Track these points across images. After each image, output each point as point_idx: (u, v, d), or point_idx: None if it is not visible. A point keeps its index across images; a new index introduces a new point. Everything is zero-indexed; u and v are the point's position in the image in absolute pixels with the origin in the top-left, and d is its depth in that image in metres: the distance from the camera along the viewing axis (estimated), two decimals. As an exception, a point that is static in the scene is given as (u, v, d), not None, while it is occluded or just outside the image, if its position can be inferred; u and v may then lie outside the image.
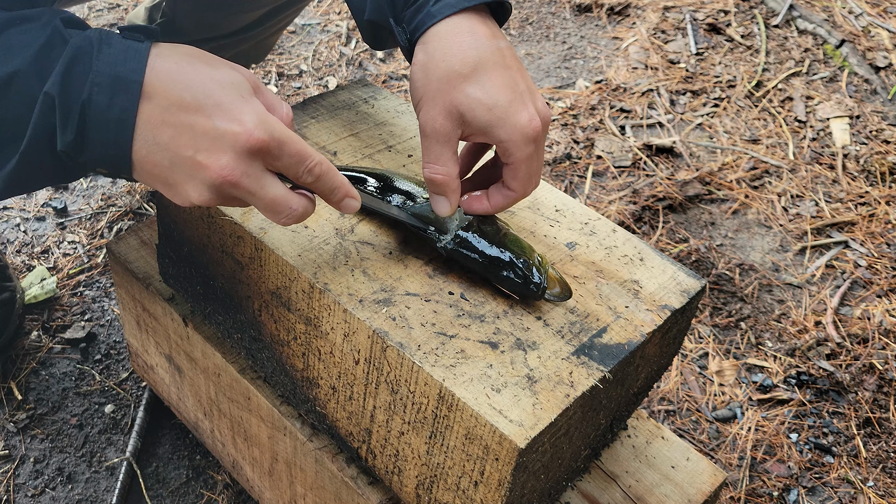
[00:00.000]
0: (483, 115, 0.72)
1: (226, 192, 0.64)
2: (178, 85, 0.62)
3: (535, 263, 0.74)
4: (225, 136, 0.61)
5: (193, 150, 0.62)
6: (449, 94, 0.72)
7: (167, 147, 0.62)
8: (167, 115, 0.62)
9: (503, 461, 0.65)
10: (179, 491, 1.16)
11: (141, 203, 1.60)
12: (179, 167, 0.63)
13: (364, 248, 0.79)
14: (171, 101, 0.62)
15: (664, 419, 1.34)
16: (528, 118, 0.72)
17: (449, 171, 0.74)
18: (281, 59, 2.08)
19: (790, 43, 2.31)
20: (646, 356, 0.78)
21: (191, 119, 0.62)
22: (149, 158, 0.63)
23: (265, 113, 0.64)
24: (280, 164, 0.65)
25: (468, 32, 0.73)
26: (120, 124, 0.62)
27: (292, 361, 0.83)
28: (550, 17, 2.40)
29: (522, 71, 0.75)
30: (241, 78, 0.65)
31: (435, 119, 0.73)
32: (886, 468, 1.30)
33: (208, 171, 0.62)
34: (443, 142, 0.73)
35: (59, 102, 0.61)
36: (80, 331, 1.34)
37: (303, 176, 0.66)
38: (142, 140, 0.62)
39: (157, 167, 0.63)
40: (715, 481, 0.91)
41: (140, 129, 0.62)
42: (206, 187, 0.63)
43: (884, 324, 1.51)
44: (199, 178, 0.63)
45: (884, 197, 1.81)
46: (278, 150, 0.63)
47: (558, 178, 1.80)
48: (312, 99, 1.00)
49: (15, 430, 1.21)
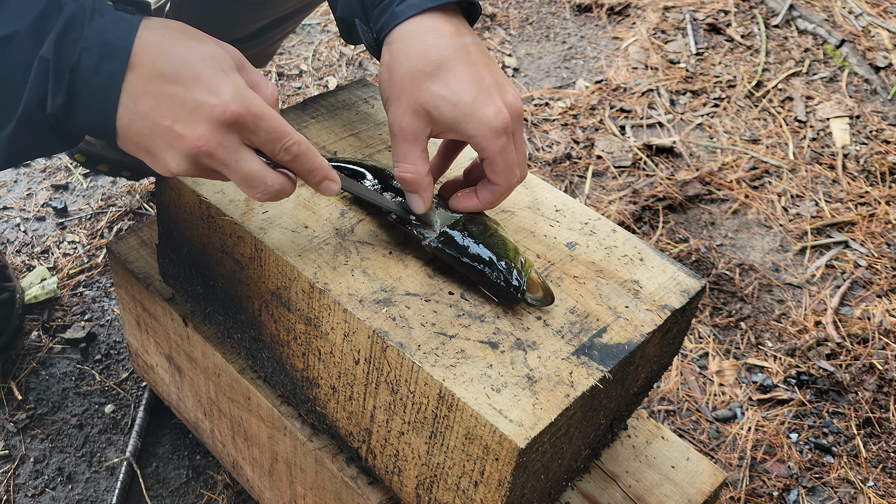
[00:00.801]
0: (449, 112, 0.72)
1: (202, 163, 0.65)
2: (162, 56, 0.64)
3: (516, 266, 0.74)
4: (202, 107, 0.63)
5: (171, 120, 0.64)
6: (414, 92, 0.73)
7: (147, 116, 0.64)
8: (149, 85, 0.64)
9: (503, 461, 0.65)
10: (179, 491, 1.16)
11: (141, 203, 1.60)
12: (158, 136, 0.65)
13: (364, 248, 0.79)
14: (153, 71, 0.64)
15: (664, 419, 1.34)
16: (495, 111, 0.72)
17: (418, 169, 0.75)
18: (281, 59, 2.08)
19: (790, 43, 2.31)
20: (646, 356, 0.78)
21: (170, 89, 0.64)
22: (130, 127, 0.65)
23: (244, 88, 0.65)
24: (257, 139, 0.66)
25: (431, 31, 0.74)
26: (105, 91, 0.64)
27: (292, 361, 0.83)
28: (550, 17, 2.40)
29: (490, 66, 0.75)
30: (224, 53, 0.67)
31: (402, 118, 0.74)
32: (886, 468, 1.30)
33: (185, 140, 0.64)
34: (410, 140, 0.74)
35: (52, 66, 0.62)
36: (80, 331, 1.34)
37: (280, 154, 0.67)
38: (124, 108, 0.64)
39: (139, 135, 0.65)
40: (715, 481, 0.91)
41: (124, 98, 0.64)
42: (183, 157, 0.65)
43: (884, 324, 1.51)
44: (176, 148, 0.65)
45: (884, 197, 1.81)
46: (254, 125, 0.65)
47: (558, 178, 1.80)
48: (312, 99, 1.00)
49: (15, 430, 1.21)
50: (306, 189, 0.85)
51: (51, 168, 1.66)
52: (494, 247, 0.75)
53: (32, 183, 1.62)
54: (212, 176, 0.68)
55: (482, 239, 0.75)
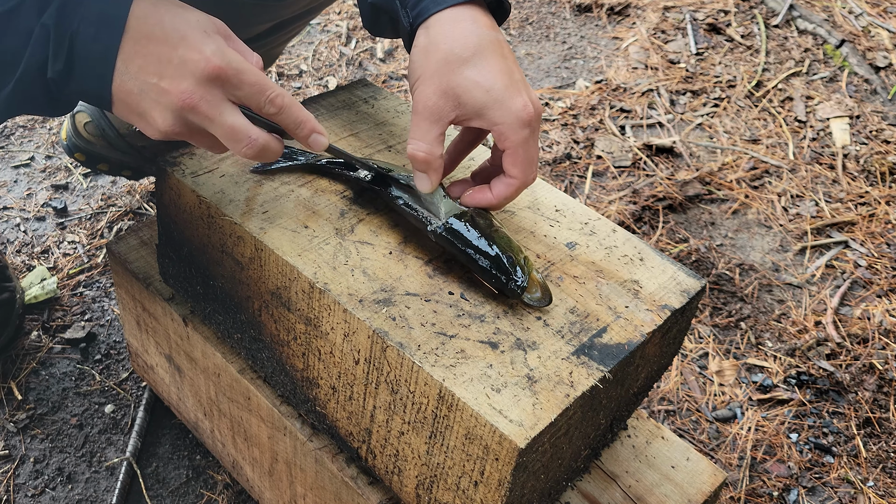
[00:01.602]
0: (480, 97, 0.74)
1: (187, 118, 0.68)
2: (151, 20, 0.68)
3: (519, 262, 0.74)
4: (186, 63, 0.67)
5: (158, 77, 0.67)
6: (447, 75, 0.74)
7: (136, 75, 0.68)
8: (138, 47, 0.67)
9: (503, 461, 0.65)
10: (179, 491, 1.16)
11: (141, 203, 1.60)
12: (146, 93, 0.68)
13: (364, 248, 0.79)
14: (143, 33, 0.68)
15: (664, 419, 1.34)
16: (523, 103, 0.74)
17: (433, 150, 0.76)
18: (281, 59, 2.07)
19: (790, 43, 2.31)
20: (646, 356, 0.78)
21: (158, 49, 0.67)
22: (122, 87, 0.68)
23: (226, 47, 0.69)
24: (241, 93, 0.69)
25: (471, 21, 0.77)
26: (102, 58, 0.68)
27: (292, 361, 0.83)
28: (550, 17, 2.40)
29: (517, 64, 0.78)
30: (210, 21, 0.71)
31: (429, 97, 0.75)
32: (886, 468, 1.30)
33: (170, 95, 0.67)
34: (432, 120, 0.75)
35: (53, 33, 0.66)
36: (80, 331, 1.34)
37: (265, 106, 0.70)
38: (117, 72, 0.68)
39: (129, 95, 0.69)
40: (715, 481, 0.91)
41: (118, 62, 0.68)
42: (170, 112, 0.68)
43: (884, 324, 1.51)
44: (163, 104, 0.68)
45: (884, 197, 1.81)
46: (237, 79, 0.68)
47: (558, 178, 1.80)
48: (312, 99, 1.00)
49: (15, 430, 1.21)
50: (306, 189, 0.85)
51: (51, 168, 1.66)
52: (499, 242, 0.75)
53: (32, 183, 1.62)
54: (198, 137, 0.71)
55: (487, 232, 0.76)
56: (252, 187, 0.84)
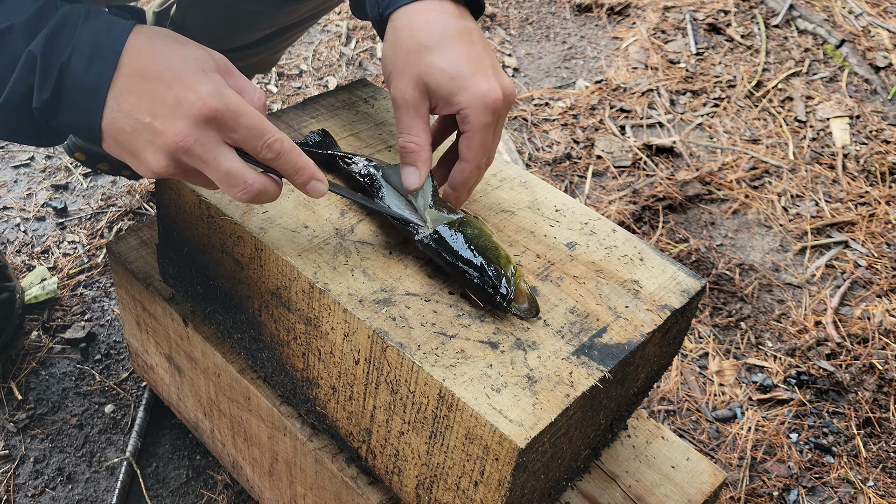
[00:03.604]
0: (445, 84, 0.74)
1: (181, 160, 0.65)
2: (145, 56, 0.66)
3: (506, 274, 0.72)
4: (181, 103, 0.64)
5: (151, 116, 0.64)
6: (416, 66, 0.75)
7: (129, 114, 0.65)
8: (131, 84, 0.65)
9: (503, 461, 0.65)
10: (179, 491, 1.16)
11: (141, 203, 1.60)
12: (139, 133, 0.65)
13: (364, 248, 0.79)
14: (136, 70, 0.65)
15: (664, 419, 1.34)
16: (489, 88, 0.74)
17: (421, 140, 0.75)
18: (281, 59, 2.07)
19: (790, 43, 2.31)
20: (646, 356, 0.78)
21: (152, 87, 0.65)
22: (114, 125, 0.66)
23: (224, 86, 0.66)
24: (237, 136, 0.66)
25: (437, 11, 0.77)
26: (93, 91, 0.65)
27: (292, 361, 0.83)
28: (550, 17, 2.40)
29: (489, 50, 0.78)
30: (207, 56, 0.68)
31: (404, 91, 0.75)
32: (886, 468, 1.30)
33: (164, 136, 0.64)
34: (412, 112, 0.76)
35: (40, 61, 0.64)
36: (80, 331, 1.34)
37: (262, 151, 0.67)
38: (109, 108, 0.65)
39: (122, 134, 0.66)
40: (715, 481, 0.91)
41: (109, 98, 0.65)
42: (163, 154, 0.65)
43: (884, 324, 1.51)
44: (156, 145, 0.65)
45: (884, 197, 1.81)
46: (233, 121, 0.65)
47: (558, 178, 1.80)
48: (312, 99, 1.00)
49: (15, 430, 1.21)
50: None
51: (51, 168, 1.66)
52: (486, 251, 0.73)
53: (32, 183, 1.62)
54: (193, 177, 0.68)
55: (476, 242, 0.74)
56: (252, 187, 0.84)
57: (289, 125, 0.95)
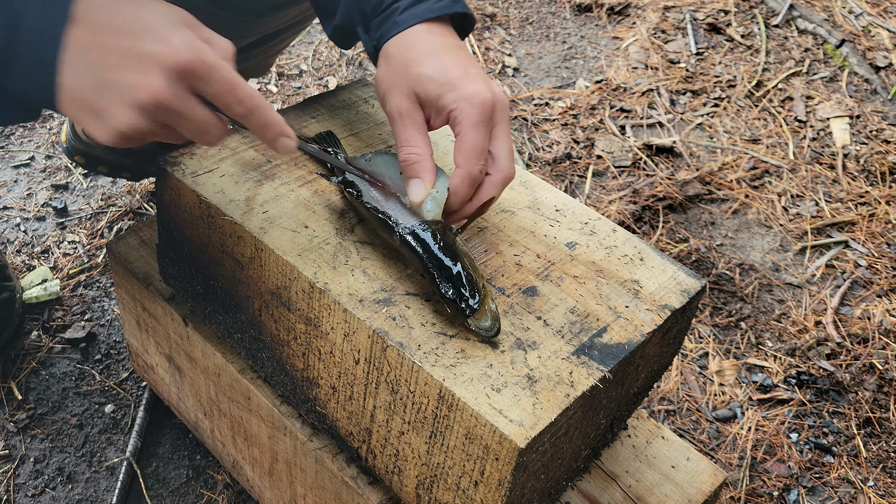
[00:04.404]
0: (434, 89, 0.75)
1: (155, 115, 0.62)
2: (110, 9, 0.62)
3: (477, 286, 0.71)
4: (153, 56, 0.61)
5: (121, 71, 0.61)
6: (406, 79, 0.77)
7: (95, 67, 0.61)
8: (96, 37, 0.61)
9: (503, 461, 0.65)
10: (179, 491, 1.16)
11: (141, 203, 1.60)
12: (107, 89, 0.62)
13: (364, 248, 0.79)
14: (101, 23, 0.62)
15: (664, 419, 1.34)
16: (477, 90, 0.74)
17: (422, 150, 0.76)
18: (281, 58, 2.07)
19: (790, 43, 2.31)
20: (646, 356, 0.78)
21: (119, 41, 0.61)
22: (76, 82, 0.62)
23: (195, 39, 0.63)
24: (210, 90, 0.64)
25: (425, 32, 0.80)
26: (47, 40, 0.61)
27: (292, 361, 0.83)
28: (550, 17, 2.40)
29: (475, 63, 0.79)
30: (173, 11, 0.65)
31: (399, 104, 0.77)
32: (886, 468, 1.30)
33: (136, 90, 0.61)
34: (409, 123, 0.76)
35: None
36: (80, 331, 1.34)
37: (234, 106, 0.65)
38: (69, 62, 0.61)
39: (85, 91, 0.62)
40: (715, 481, 0.91)
41: (69, 52, 0.61)
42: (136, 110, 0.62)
43: (884, 324, 1.51)
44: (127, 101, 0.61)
45: (884, 197, 1.81)
46: (207, 74, 0.63)
47: (558, 178, 1.80)
48: (312, 99, 1.00)
49: (15, 430, 1.21)
50: (306, 189, 0.85)
51: (51, 168, 1.66)
52: (460, 259, 0.72)
53: (32, 183, 1.62)
54: (158, 134, 0.65)
55: (453, 248, 0.73)
56: (252, 187, 0.84)
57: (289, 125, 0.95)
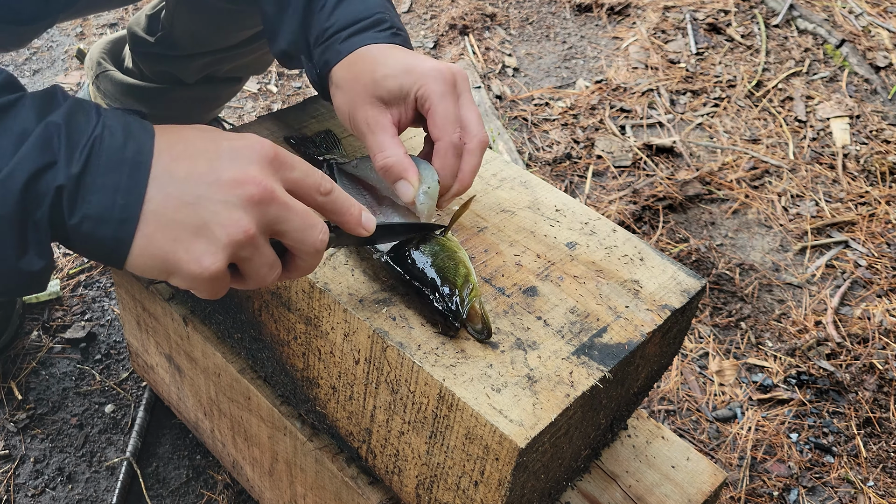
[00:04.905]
0: (393, 82, 0.77)
1: (263, 212, 0.58)
2: (180, 139, 0.59)
3: (461, 294, 0.71)
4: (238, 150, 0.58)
5: (217, 172, 0.57)
6: (364, 91, 0.78)
7: (188, 179, 0.57)
8: (179, 155, 0.58)
9: (503, 461, 0.65)
10: (179, 491, 1.16)
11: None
12: (207, 195, 0.56)
13: (364, 248, 0.79)
14: (177, 150, 0.58)
15: (664, 419, 1.34)
16: (434, 65, 0.77)
17: (396, 152, 0.76)
18: (281, 58, 2.07)
19: (790, 43, 2.31)
20: (646, 356, 0.78)
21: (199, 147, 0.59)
22: (168, 201, 0.56)
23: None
24: (294, 175, 0.60)
25: (366, 48, 0.81)
26: (135, 164, 0.56)
27: (292, 361, 0.83)
28: (550, 17, 2.40)
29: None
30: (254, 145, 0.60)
31: (366, 114, 0.78)
32: (886, 468, 1.30)
33: (241, 186, 0.56)
34: (379, 130, 0.77)
35: (65, 132, 0.55)
36: (80, 331, 1.34)
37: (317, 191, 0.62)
38: (156, 183, 0.56)
39: (182, 207, 0.56)
40: (715, 481, 0.91)
41: (155, 171, 0.57)
42: (244, 209, 0.57)
43: (884, 324, 1.51)
44: (232, 200, 0.56)
45: (884, 197, 1.81)
46: (290, 161, 0.60)
47: (558, 178, 1.80)
48: (312, 99, 1.00)
49: (15, 430, 1.21)
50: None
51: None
52: (443, 270, 0.72)
53: (32, 183, 1.62)
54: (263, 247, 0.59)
55: (433, 260, 0.73)
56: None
57: (289, 125, 0.95)
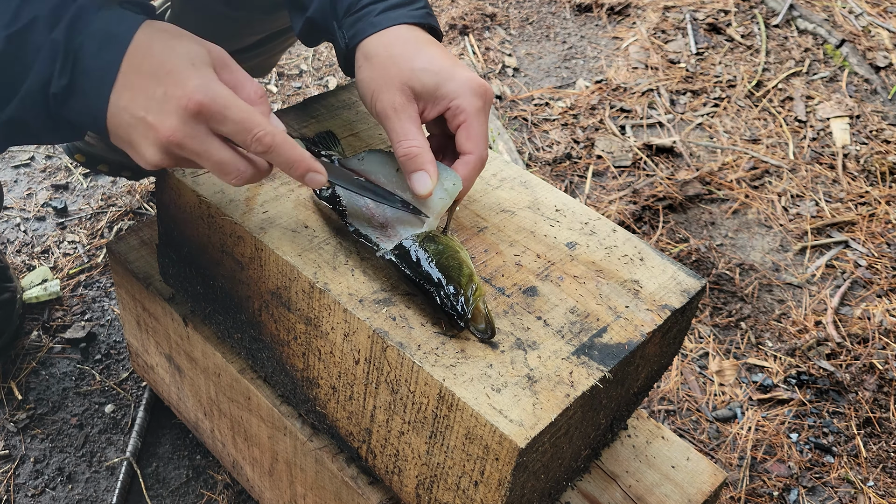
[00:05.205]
0: (430, 80, 0.77)
1: (174, 153, 0.68)
2: (143, 52, 0.68)
3: (465, 293, 0.71)
4: (169, 99, 0.66)
5: (144, 112, 0.67)
6: (398, 75, 0.77)
7: (126, 108, 0.68)
8: (128, 79, 0.68)
9: (503, 461, 0.65)
10: (179, 491, 1.16)
11: (141, 203, 1.60)
12: (135, 128, 0.68)
13: (366, 247, 0.78)
14: (134, 66, 0.68)
15: (664, 419, 1.34)
16: (472, 76, 0.77)
17: (422, 143, 0.76)
18: (281, 59, 2.07)
19: (790, 43, 2.31)
20: (646, 356, 0.78)
21: (145, 83, 0.67)
22: (114, 119, 0.69)
23: (213, 80, 0.68)
24: (225, 129, 0.68)
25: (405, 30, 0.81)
26: (101, 78, 0.67)
27: (292, 361, 0.83)
28: (550, 17, 2.40)
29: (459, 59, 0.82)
30: (201, 50, 0.69)
31: (394, 99, 0.77)
32: (886, 468, 1.30)
33: (156, 131, 0.67)
34: (405, 118, 0.77)
35: (61, 48, 0.67)
36: (80, 331, 1.34)
37: (252, 145, 0.69)
38: (113, 101, 0.68)
39: (120, 127, 0.69)
40: (715, 481, 0.91)
41: (114, 91, 0.68)
42: (157, 148, 0.68)
43: (884, 324, 1.51)
44: (150, 140, 0.68)
45: (884, 197, 1.81)
46: (221, 115, 0.67)
47: (558, 178, 1.80)
48: (312, 99, 1.00)
49: (15, 430, 1.21)
50: (306, 189, 0.85)
51: (51, 168, 1.66)
52: (447, 269, 0.72)
53: (32, 183, 1.62)
54: (187, 165, 0.71)
55: (437, 259, 0.72)
56: (252, 187, 0.84)
57: (289, 125, 0.95)
